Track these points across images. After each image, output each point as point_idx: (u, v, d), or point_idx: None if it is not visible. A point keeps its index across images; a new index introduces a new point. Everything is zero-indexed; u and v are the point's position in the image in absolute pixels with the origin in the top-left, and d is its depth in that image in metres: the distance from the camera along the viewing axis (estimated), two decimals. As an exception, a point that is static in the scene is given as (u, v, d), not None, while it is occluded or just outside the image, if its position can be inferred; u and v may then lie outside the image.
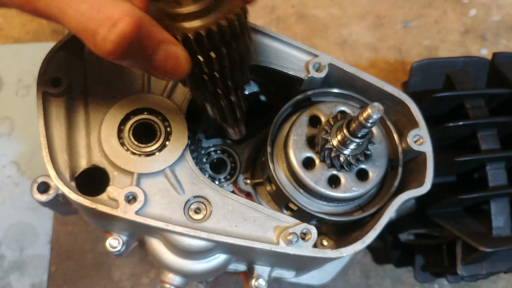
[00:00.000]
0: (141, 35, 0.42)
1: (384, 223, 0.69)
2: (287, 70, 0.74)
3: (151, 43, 0.44)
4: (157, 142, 0.70)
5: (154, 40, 0.45)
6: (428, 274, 1.10)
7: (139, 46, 0.43)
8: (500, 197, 0.90)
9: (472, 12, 1.53)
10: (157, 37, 0.45)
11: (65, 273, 1.18)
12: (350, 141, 0.67)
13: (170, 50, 0.46)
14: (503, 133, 0.96)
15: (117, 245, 0.75)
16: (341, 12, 1.51)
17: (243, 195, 0.86)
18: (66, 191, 0.66)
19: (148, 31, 0.44)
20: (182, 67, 0.48)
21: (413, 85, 1.04)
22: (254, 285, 0.79)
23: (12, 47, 1.36)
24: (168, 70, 0.47)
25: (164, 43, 0.45)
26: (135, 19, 0.41)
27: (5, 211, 1.22)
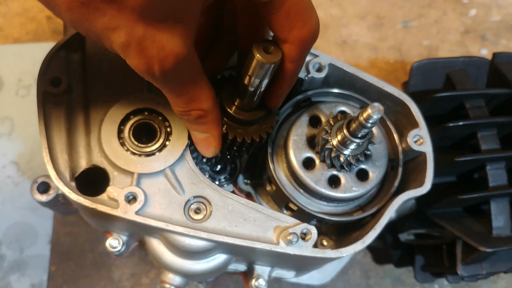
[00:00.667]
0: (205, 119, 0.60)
1: (384, 223, 0.69)
2: (287, 70, 0.74)
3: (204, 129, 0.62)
4: (157, 142, 0.70)
5: (207, 130, 0.62)
6: (428, 274, 1.10)
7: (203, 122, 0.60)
8: (500, 197, 0.90)
9: (472, 12, 1.53)
10: (210, 130, 0.62)
11: (65, 273, 1.18)
12: (350, 141, 0.67)
13: (205, 142, 0.64)
14: (503, 133, 0.96)
15: (117, 245, 0.75)
16: (341, 12, 1.51)
17: (243, 195, 0.86)
18: (66, 191, 0.66)
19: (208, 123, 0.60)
20: (209, 151, 0.65)
21: (413, 85, 1.04)
22: (254, 285, 0.79)
23: (12, 47, 1.36)
24: (197, 145, 0.65)
25: (208, 135, 0.62)
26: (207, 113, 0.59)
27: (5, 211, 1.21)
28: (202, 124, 0.60)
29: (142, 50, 0.45)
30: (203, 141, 0.64)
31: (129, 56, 0.46)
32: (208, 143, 0.64)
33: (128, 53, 0.45)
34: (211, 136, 0.62)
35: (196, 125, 0.61)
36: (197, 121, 0.60)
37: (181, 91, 0.54)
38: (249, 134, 0.67)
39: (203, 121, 0.60)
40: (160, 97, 0.73)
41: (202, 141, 0.64)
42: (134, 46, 0.44)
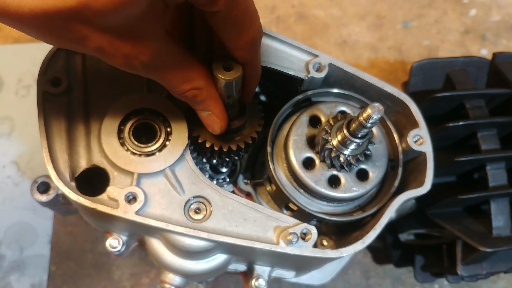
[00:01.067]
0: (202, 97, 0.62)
1: (384, 223, 0.69)
2: (287, 70, 0.74)
3: (203, 107, 0.64)
4: (157, 142, 0.70)
5: (207, 107, 0.64)
6: (428, 274, 1.10)
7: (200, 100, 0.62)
8: (500, 197, 0.90)
9: (472, 12, 1.53)
10: (209, 107, 0.64)
11: (65, 273, 1.18)
12: (350, 141, 0.67)
13: (210, 119, 0.65)
14: (503, 133, 0.96)
15: (117, 245, 0.75)
16: (341, 12, 1.51)
17: (243, 195, 0.86)
18: (66, 191, 0.66)
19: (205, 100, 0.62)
20: (215, 128, 0.66)
21: (413, 85, 1.04)
22: (254, 285, 0.79)
23: (12, 47, 1.36)
24: (203, 123, 0.67)
25: (210, 111, 0.64)
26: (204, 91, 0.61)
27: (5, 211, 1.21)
28: (200, 102, 0.62)
29: (115, 51, 0.49)
30: (207, 118, 0.65)
31: (106, 57, 0.51)
32: (212, 120, 0.65)
33: (104, 54, 0.50)
34: (212, 113, 0.64)
35: (195, 104, 0.63)
36: (194, 100, 0.62)
37: (169, 76, 0.57)
38: (235, 142, 0.71)
39: (200, 99, 0.62)
40: (160, 97, 0.73)
41: (206, 119, 0.65)
42: (107, 51, 0.49)
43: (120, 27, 0.47)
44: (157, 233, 0.73)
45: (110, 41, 0.48)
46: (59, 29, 0.46)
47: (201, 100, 0.62)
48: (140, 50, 0.51)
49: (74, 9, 0.43)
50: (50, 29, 0.46)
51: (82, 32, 0.46)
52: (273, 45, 0.74)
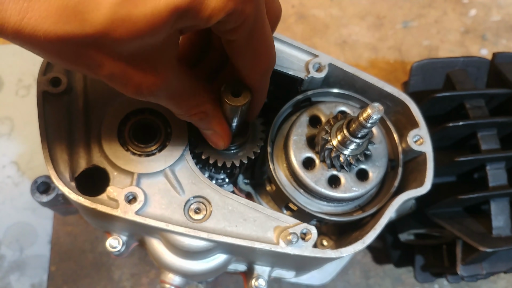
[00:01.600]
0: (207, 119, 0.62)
1: (384, 223, 0.69)
2: (287, 70, 0.74)
3: (208, 127, 0.64)
4: (157, 142, 0.70)
5: (211, 127, 0.64)
6: (428, 274, 1.10)
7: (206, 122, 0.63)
8: (500, 197, 0.90)
9: (472, 12, 1.53)
10: (213, 127, 0.64)
11: (65, 273, 1.18)
12: (350, 141, 0.67)
13: (214, 136, 0.66)
14: (503, 133, 0.96)
15: (117, 245, 0.75)
16: (341, 12, 1.52)
17: (243, 195, 0.86)
18: (66, 191, 0.66)
19: (210, 122, 0.63)
20: (219, 145, 0.67)
21: (413, 85, 1.04)
22: (254, 285, 0.79)
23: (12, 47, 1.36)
24: (210, 141, 0.68)
25: (215, 130, 0.65)
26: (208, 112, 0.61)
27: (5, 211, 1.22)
28: (205, 123, 0.63)
29: (128, 79, 0.49)
30: (211, 136, 0.66)
31: (117, 84, 0.50)
32: (216, 138, 0.66)
33: (115, 82, 0.49)
34: (216, 132, 0.65)
35: (200, 125, 0.64)
36: (200, 122, 0.63)
37: (178, 104, 0.57)
38: (238, 158, 0.73)
39: (205, 121, 0.62)
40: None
41: (210, 136, 0.66)
42: (119, 77, 0.48)
43: (134, 56, 0.47)
44: (157, 233, 0.73)
45: (123, 69, 0.48)
46: (73, 55, 0.45)
47: (206, 122, 0.63)
48: (152, 80, 0.50)
49: (91, 36, 0.42)
50: (64, 55, 0.44)
51: (97, 60, 0.45)
52: (273, 45, 0.74)
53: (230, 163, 0.72)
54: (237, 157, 0.73)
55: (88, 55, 0.44)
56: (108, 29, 0.41)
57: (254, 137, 0.74)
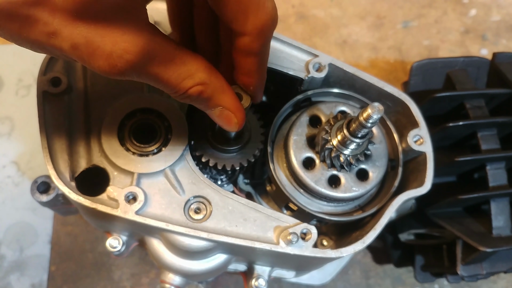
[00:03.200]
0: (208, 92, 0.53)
1: (384, 223, 0.69)
2: (287, 70, 0.74)
3: (212, 103, 0.55)
4: (157, 142, 0.70)
5: (216, 103, 0.55)
6: (428, 274, 1.10)
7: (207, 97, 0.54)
8: (500, 197, 0.90)
9: (472, 12, 1.53)
10: (219, 101, 0.55)
11: (65, 273, 1.18)
12: (350, 141, 0.67)
13: (223, 115, 0.57)
14: (503, 133, 0.96)
15: (117, 245, 0.75)
16: (341, 12, 1.51)
17: (243, 195, 0.86)
18: (66, 191, 0.66)
19: (213, 95, 0.54)
20: (231, 126, 0.58)
21: (413, 85, 1.04)
22: (254, 285, 0.79)
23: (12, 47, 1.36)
24: (221, 123, 0.59)
25: (222, 105, 0.56)
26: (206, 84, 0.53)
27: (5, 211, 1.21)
28: (208, 99, 0.54)
29: (94, 50, 0.42)
30: (220, 117, 0.57)
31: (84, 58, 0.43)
32: (226, 117, 0.57)
33: (81, 56, 0.43)
34: (224, 108, 0.56)
35: (204, 103, 0.55)
36: (202, 98, 0.53)
37: (165, 74, 0.49)
38: (238, 161, 0.72)
39: (206, 95, 0.53)
40: (160, 97, 0.73)
41: (219, 117, 0.57)
42: (84, 49, 0.42)
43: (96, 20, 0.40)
44: (157, 233, 0.73)
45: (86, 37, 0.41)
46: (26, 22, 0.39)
47: (208, 96, 0.53)
48: (124, 47, 0.43)
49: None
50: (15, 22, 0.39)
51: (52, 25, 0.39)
52: (273, 45, 0.74)
53: (230, 166, 0.72)
54: (237, 159, 0.73)
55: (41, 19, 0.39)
56: None
57: (254, 139, 0.74)
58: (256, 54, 0.54)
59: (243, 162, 0.73)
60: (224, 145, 0.72)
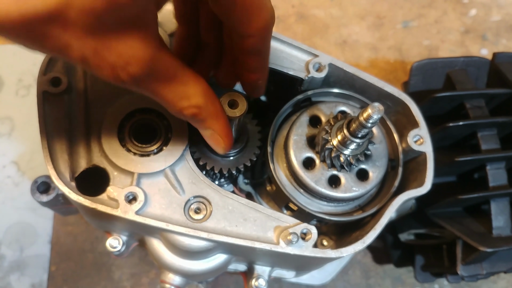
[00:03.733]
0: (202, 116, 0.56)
1: (384, 223, 0.69)
2: (287, 70, 0.74)
3: (204, 126, 0.59)
4: (157, 142, 0.70)
5: (208, 126, 0.59)
6: (428, 274, 1.10)
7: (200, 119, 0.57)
8: (500, 197, 0.90)
9: (472, 12, 1.53)
10: (211, 126, 0.59)
11: (65, 273, 1.18)
12: (350, 141, 0.67)
13: (212, 138, 0.61)
14: (503, 133, 0.96)
15: (117, 245, 0.75)
16: (341, 12, 1.52)
17: (243, 195, 0.86)
18: (66, 191, 0.66)
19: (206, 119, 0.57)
20: (219, 148, 0.62)
21: (413, 85, 1.04)
22: (254, 285, 0.79)
23: (12, 47, 1.36)
24: (210, 144, 0.63)
25: (213, 129, 0.59)
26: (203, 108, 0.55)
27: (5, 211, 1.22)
28: (201, 121, 0.57)
29: (100, 61, 0.44)
30: (210, 138, 0.61)
31: (91, 68, 0.46)
32: (215, 139, 0.61)
33: (89, 65, 0.45)
34: (215, 132, 0.59)
35: (196, 123, 0.58)
36: (195, 120, 0.57)
37: (163, 91, 0.51)
38: (235, 165, 0.73)
39: (200, 118, 0.56)
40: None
41: (209, 138, 0.61)
42: (92, 60, 0.44)
43: (104, 33, 0.42)
44: (157, 233, 0.73)
45: (94, 49, 0.43)
46: (39, 36, 0.41)
47: (201, 119, 0.56)
48: (128, 60, 0.45)
49: (54, 11, 0.38)
50: (30, 36, 0.41)
51: (63, 39, 0.41)
52: (273, 45, 0.74)
53: (226, 170, 0.73)
54: (234, 164, 0.73)
55: (55, 36, 0.41)
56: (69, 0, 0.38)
57: (251, 144, 0.74)
58: (261, 52, 0.57)
59: (239, 166, 0.73)
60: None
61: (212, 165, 0.72)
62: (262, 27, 0.53)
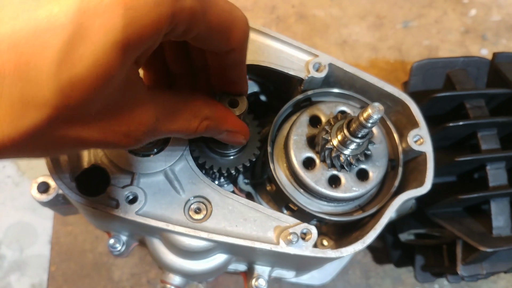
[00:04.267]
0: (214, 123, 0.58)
1: (384, 223, 0.69)
2: (287, 70, 0.74)
3: (219, 131, 0.61)
4: (157, 142, 0.70)
5: (222, 129, 0.61)
6: (428, 274, 1.10)
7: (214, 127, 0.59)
8: (500, 197, 0.90)
9: (472, 12, 1.53)
10: (224, 127, 0.61)
11: (65, 273, 1.18)
12: (350, 141, 0.67)
13: (231, 137, 0.62)
14: (503, 133, 0.96)
15: (117, 245, 0.75)
16: (341, 12, 1.52)
17: (243, 195, 0.86)
18: (66, 191, 0.66)
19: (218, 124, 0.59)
20: (240, 141, 0.64)
21: (413, 85, 1.04)
22: (254, 285, 0.79)
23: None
24: (231, 142, 0.65)
25: (227, 129, 0.61)
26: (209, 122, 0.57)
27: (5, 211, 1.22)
28: (215, 128, 0.59)
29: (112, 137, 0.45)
30: (227, 138, 0.62)
31: (109, 146, 0.47)
32: (233, 136, 0.62)
33: (106, 145, 0.46)
34: (230, 131, 0.61)
35: (211, 133, 0.60)
36: (209, 131, 0.58)
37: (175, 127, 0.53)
38: (234, 165, 0.73)
39: (213, 127, 0.58)
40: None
41: (227, 138, 0.62)
42: (104, 140, 0.45)
43: (102, 113, 0.42)
44: (157, 233, 0.73)
45: (102, 131, 0.44)
46: (49, 144, 0.41)
47: (215, 126, 0.58)
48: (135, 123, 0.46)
49: (54, 116, 0.37)
50: (41, 148, 0.41)
51: (73, 137, 0.41)
52: (273, 45, 0.74)
53: (225, 169, 0.73)
54: (234, 163, 0.73)
55: (63, 136, 0.41)
56: (62, 100, 0.37)
57: (251, 144, 0.74)
58: (242, 62, 0.57)
59: (239, 166, 0.73)
60: (221, 148, 0.72)
61: (211, 164, 0.72)
62: (241, 38, 0.53)
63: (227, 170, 0.73)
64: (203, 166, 0.73)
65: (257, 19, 1.47)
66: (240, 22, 0.52)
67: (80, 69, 0.36)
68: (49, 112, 0.37)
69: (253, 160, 0.74)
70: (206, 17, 0.46)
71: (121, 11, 0.37)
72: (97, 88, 0.38)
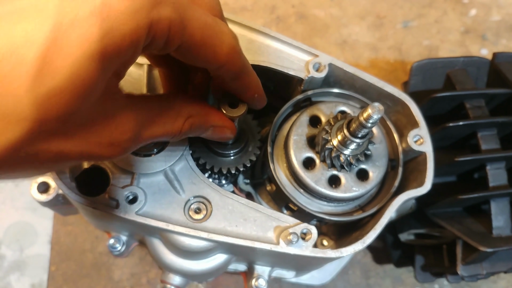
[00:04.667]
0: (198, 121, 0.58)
1: (384, 223, 0.69)
2: (287, 70, 0.74)
3: (204, 128, 0.60)
4: (157, 142, 0.70)
5: (207, 125, 0.60)
6: (428, 274, 1.10)
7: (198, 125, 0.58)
8: (500, 197, 0.90)
9: (472, 12, 1.53)
10: (208, 123, 0.60)
11: (65, 273, 1.18)
12: (350, 141, 0.67)
13: (216, 132, 0.62)
14: (503, 133, 0.96)
15: (117, 245, 0.75)
16: (341, 12, 1.52)
17: (243, 195, 0.86)
18: (66, 191, 0.66)
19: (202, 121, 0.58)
20: (227, 136, 0.63)
21: (413, 85, 1.04)
22: (254, 285, 0.79)
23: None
24: (218, 138, 0.64)
25: (212, 125, 0.60)
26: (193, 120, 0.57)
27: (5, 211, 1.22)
28: (201, 125, 0.59)
29: (95, 148, 0.45)
30: (213, 134, 0.62)
31: (94, 158, 0.47)
32: (219, 132, 0.62)
33: (90, 158, 0.46)
34: (215, 126, 0.61)
35: (197, 131, 0.59)
36: (195, 128, 0.58)
37: (159, 132, 0.53)
38: (234, 165, 0.73)
39: (197, 124, 0.58)
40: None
41: (213, 134, 0.62)
42: (87, 151, 0.44)
43: (83, 124, 0.42)
44: (157, 233, 0.73)
45: (85, 143, 0.43)
46: (32, 160, 0.40)
47: (199, 124, 0.58)
48: (118, 132, 0.46)
49: (34, 129, 0.37)
50: (23, 165, 0.40)
51: (54, 151, 0.41)
52: (273, 45, 0.74)
53: (226, 169, 0.73)
54: (234, 163, 0.73)
55: (44, 151, 0.40)
56: (41, 114, 0.37)
57: (251, 144, 0.75)
58: (241, 73, 0.56)
59: (239, 166, 0.73)
60: (221, 149, 0.72)
61: (212, 164, 0.72)
62: (228, 53, 0.52)
63: (228, 170, 0.73)
64: (204, 166, 0.73)
65: (257, 19, 1.47)
66: (226, 37, 0.51)
67: (57, 82, 0.36)
68: (28, 126, 0.37)
69: (253, 160, 0.74)
70: (187, 30, 0.45)
71: (97, 22, 0.37)
72: (76, 100, 0.38)
